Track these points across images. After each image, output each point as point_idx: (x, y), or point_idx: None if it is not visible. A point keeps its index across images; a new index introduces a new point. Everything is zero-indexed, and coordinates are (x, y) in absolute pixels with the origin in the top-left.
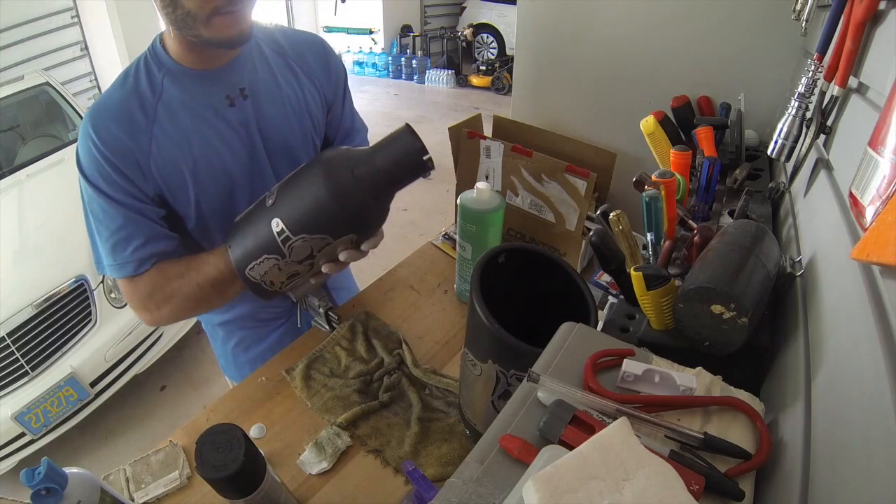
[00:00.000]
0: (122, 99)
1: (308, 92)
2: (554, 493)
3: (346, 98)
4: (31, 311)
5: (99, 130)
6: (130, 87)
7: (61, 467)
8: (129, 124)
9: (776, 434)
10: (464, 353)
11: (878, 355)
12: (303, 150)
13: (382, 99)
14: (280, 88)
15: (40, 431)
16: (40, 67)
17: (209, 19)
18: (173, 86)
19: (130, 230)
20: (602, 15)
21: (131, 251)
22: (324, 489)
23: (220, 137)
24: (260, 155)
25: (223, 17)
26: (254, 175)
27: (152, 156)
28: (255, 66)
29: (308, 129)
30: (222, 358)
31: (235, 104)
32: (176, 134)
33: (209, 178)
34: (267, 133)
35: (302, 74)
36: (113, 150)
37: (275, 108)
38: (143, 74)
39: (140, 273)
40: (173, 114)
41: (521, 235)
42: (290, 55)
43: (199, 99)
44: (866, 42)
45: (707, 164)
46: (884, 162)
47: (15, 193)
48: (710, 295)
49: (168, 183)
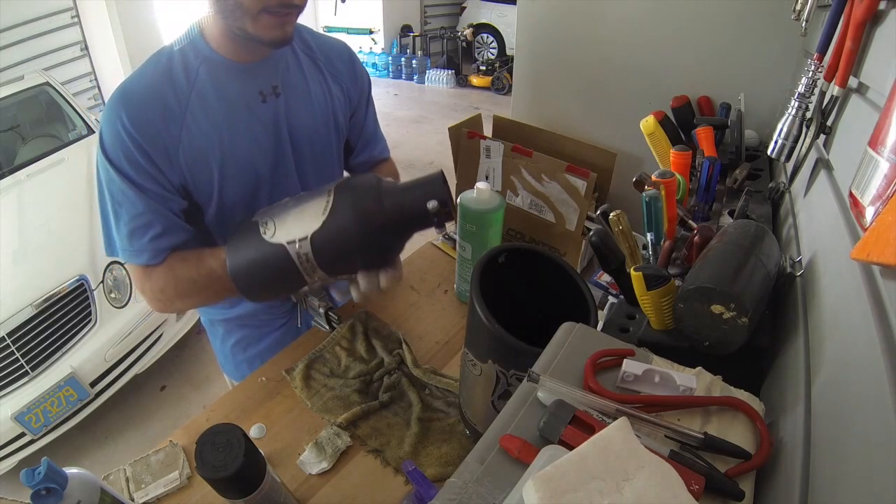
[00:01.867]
0: (156, 83)
1: (334, 93)
2: (554, 493)
3: (369, 105)
4: (31, 311)
5: (131, 112)
6: (164, 71)
7: (61, 467)
8: (163, 110)
9: (776, 434)
10: (464, 353)
11: (878, 355)
12: (326, 150)
13: (382, 99)
14: (309, 88)
15: (40, 431)
16: (40, 67)
17: (258, 15)
18: (209, 75)
19: (150, 218)
20: (602, 15)
21: (149, 239)
22: (324, 489)
23: (249, 133)
24: (286, 153)
25: (271, 16)
26: (278, 173)
27: (182, 145)
28: (287, 65)
29: (332, 130)
30: (220, 355)
31: (267, 101)
32: (207, 125)
33: (235, 172)
34: (294, 131)
35: (329, 76)
36: (144, 133)
37: (303, 107)
38: (179, 60)
39: (154, 264)
40: (206, 104)
41: (521, 235)
42: (319, 56)
43: (233, 92)
44: (866, 42)
45: (707, 164)
46: (884, 162)
47: (15, 193)
48: (710, 295)
49: (193, 174)
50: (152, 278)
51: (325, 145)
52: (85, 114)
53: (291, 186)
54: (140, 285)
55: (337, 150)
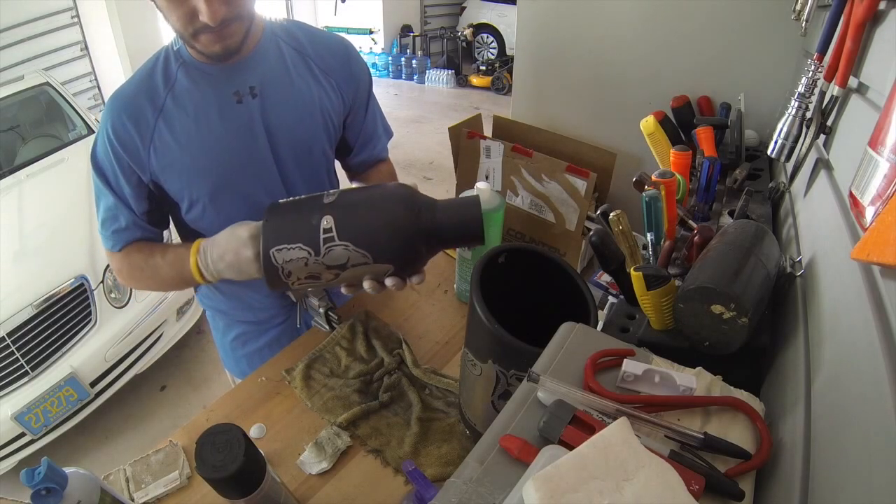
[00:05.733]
0: (136, 89)
1: (325, 92)
2: (554, 493)
3: (369, 102)
4: (31, 311)
5: (113, 117)
6: (146, 76)
7: (61, 467)
8: (137, 114)
9: (776, 434)
10: (464, 353)
11: (878, 355)
12: (312, 149)
13: (382, 99)
14: (293, 86)
15: (40, 431)
16: (40, 67)
17: (194, 37)
18: (186, 78)
19: (116, 213)
20: (602, 15)
21: (112, 231)
22: (324, 489)
23: (215, 134)
24: (263, 154)
25: (207, 35)
26: (250, 175)
27: (153, 146)
28: (270, 65)
29: (320, 128)
30: (221, 349)
31: (243, 101)
32: (178, 125)
33: (200, 174)
34: (275, 132)
35: (320, 74)
36: (119, 139)
37: (286, 106)
38: (161, 66)
39: (116, 250)
40: (181, 106)
41: (521, 235)
42: (311, 54)
43: (208, 94)
44: (866, 42)
45: (707, 164)
46: (884, 162)
47: (15, 193)
48: (710, 295)
49: (164, 174)
50: (113, 260)
51: (311, 144)
52: (85, 114)
53: (269, 185)
54: (109, 261)
55: (326, 147)
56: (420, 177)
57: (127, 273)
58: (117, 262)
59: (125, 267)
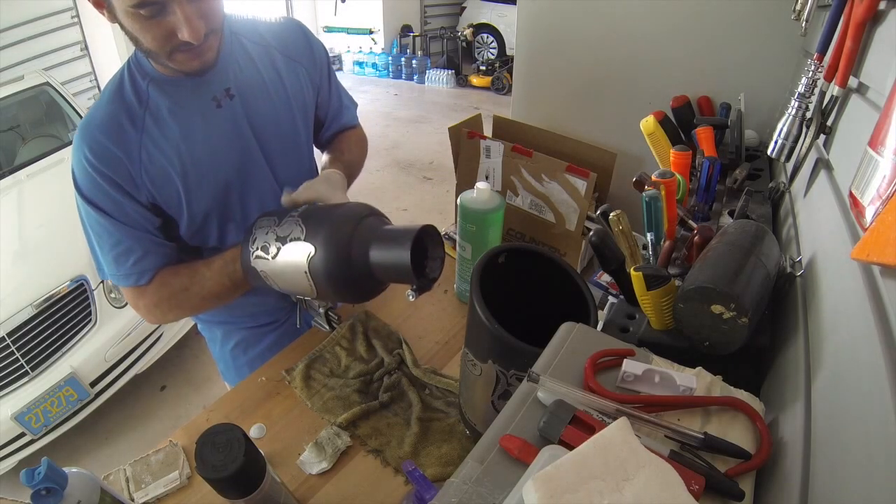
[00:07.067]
0: (110, 111)
1: (294, 78)
2: (554, 493)
3: (331, 77)
4: (31, 311)
5: (91, 145)
6: (117, 98)
7: (61, 467)
8: (119, 135)
9: (776, 434)
10: (464, 353)
11: (878, 355)
12: (295, 138)
13: (382, 99)
14: (264, 81)
15: (40, 431)
16: (40, 67)
17: (171, 56)
18: (159, 93)
19: (129, 244)
20: (602, 15)
21: (132, 263)
22: (324, 489)
23: (207, 142)
24: (253, 152)
25: (184, 53)
26: (247, 173)
27: (143, 165)
28: (239, 65)
29: (297, 116)
30: (221, 362)
31: (223, 105)
32: (165, 142)
33: (200, 182)
34: (258, 128)
35: (286, 62)
36: (106, 164)
37: (262, 102)
38: (129, 84)
39: (143, 284)
40: (161, 122)
41: (521, 235)
42: (274, 44)
43: (186, 104)
44: (866, 42)
45: (707, 164)
46: (884, 162)
47: (15, 193)
48: (710, 295)
49: (159, 191)
50: (145, 296)
51: (293, 133)
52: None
53: (263, 183)
54: (133, 303)
55: (305, 135)
56: (420, 177)
57: (167, 304)
58: (150, 297)
59: (164, 298)
